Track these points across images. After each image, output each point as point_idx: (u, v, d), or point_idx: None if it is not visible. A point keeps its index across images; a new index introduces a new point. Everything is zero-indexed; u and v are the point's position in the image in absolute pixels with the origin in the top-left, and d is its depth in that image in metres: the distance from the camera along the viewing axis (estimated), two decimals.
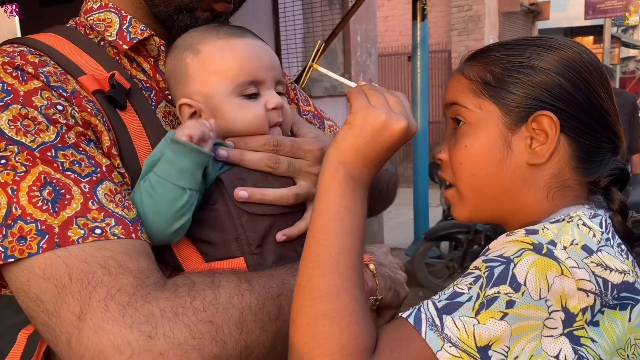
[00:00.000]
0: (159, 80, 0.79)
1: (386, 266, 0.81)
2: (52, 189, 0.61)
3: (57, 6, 3.96)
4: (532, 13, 11.40)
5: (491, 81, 0.71)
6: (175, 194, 0.67)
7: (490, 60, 0.73)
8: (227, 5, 0.78)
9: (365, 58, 5.38)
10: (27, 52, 0.70)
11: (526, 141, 0.70)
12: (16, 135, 0.62)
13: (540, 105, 0.69)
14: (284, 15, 4.32)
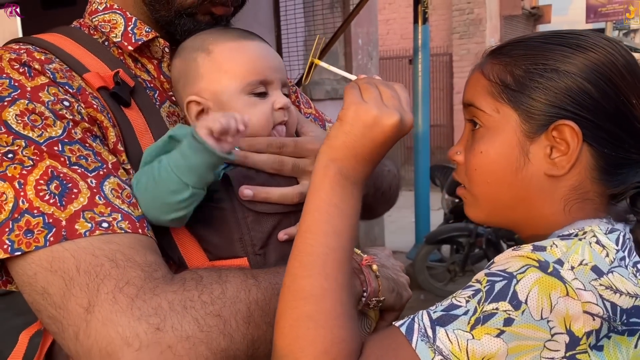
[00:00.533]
0: (163, 82, 0.80)
1: (389, 268, 0.81)
2: (59, 182, 0.61)
3: (59, 9, 3.97)
4: (533, 16, 11.41)
5: (511, 84, 0.67)
6: (177, 187, 0.66)
7: (512, 60, 0.68)
8: (226, 8, 0.79)
9: (366, 61, 5.38)
10: (33, 49, 0.70)
11: (545, 150, 0.66)
12: (23, 129, 0.62)
13: (563, 113, 0.64)
14: (286, 18, 4.33)
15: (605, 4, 11.23)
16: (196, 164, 0.65)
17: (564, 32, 0.70)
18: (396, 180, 0.98)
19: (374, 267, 0.76)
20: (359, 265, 0.75)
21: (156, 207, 0.66)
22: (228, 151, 0.67)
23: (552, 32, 0.71)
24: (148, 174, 0.67)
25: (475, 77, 0.71)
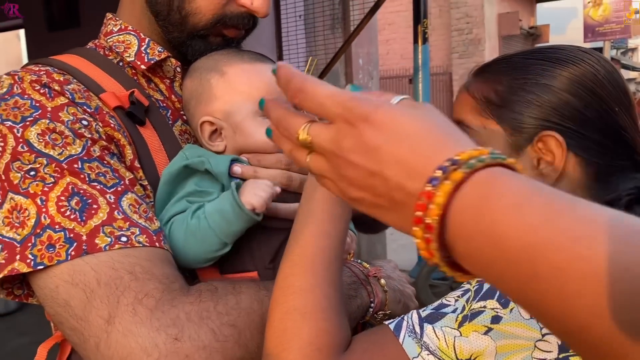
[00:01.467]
0: (175, 101, 0.82)
1: (395, 280, 0.82)
2: (79, 198, 0.63)
3: (64, 31, 4.03)
4: (531, 36, 11.53)
5: (495, 100, 0.69)
6: (218, 247, 0.70)
7: (495, 77, 0.70)
8: (237, 31, 0.81)
9: (367, 80, 5.43)
10: (52, 70, 0.73)
11: (533, 162, 0.67)
12: (45, 148, 0.64)
13: (547, 125, 0.66)
14: (287, 39, 4.39)
15: (603, 23, 11.36)
16: (239, 229, 0.70)
17: (545, 48, 0.72)
18: None
19: (382, 282, 0.78)
20: (366, 277, 0.77)
21: (195, 260, 0.71)
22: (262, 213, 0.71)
23: (534, 48, 0.74)
24: (186, 230, 0.70)
25: (462, 96, 0.73)
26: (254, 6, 0.78)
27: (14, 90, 0.68)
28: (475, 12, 9.27)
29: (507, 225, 0.37)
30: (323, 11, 4.52)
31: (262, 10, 0.78)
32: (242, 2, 0.78)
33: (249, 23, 0.81)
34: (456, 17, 9.45)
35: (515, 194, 0.38)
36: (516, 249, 0.36)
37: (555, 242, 0.35)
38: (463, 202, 0.39)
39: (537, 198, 0.37)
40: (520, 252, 0.36)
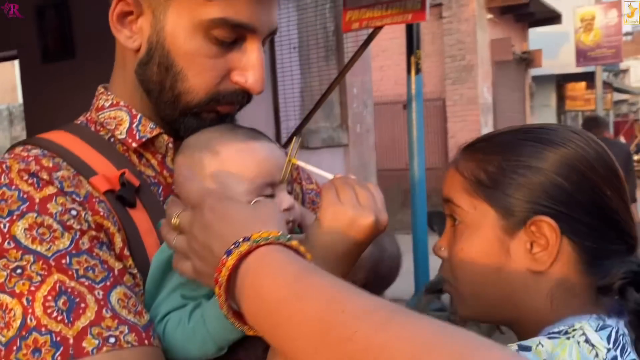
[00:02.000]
0: (167, 176, 0.81)
1: None
2: (67, 298, 0.61)
3: (58, 62, 4.04)
4: (524, 61, 11.66)
5: (485, 181, 0.67)
6: (215, 351, 0.68)
7: (485, 157, 0.69)
8: (231, 107, 0.79)
9: (361, 109, 5.46)
10: (41, 155, 0.71)
11: (525, 246, 0.65)
12: (32, 244, 0.63)
13: (539, 209, 0.64)
14: (282, 69, 4.42)
15: (594, 48, 11.52)
16: (240, 336, 0.67)
17: (534, 127, 0.71)
18: (397, 261, 0.97)
19: None
20: None
21: (186, 352, 0.69)
22: None
23: (522, 127, 0.72)
24: (183, 333, 0.68)
25: (451, 174, 0.72)
26: (248, 84, 0.76)
27: (1, 181, 0.67)
28: (468, 39, 9.38)
29: (266, 286, 0.52)
30: (317, 42, 4.56)
31: (257, 87, 0.77)
32: (236, 80, 0.76)
33: (243, 99, 0.79)
34: (449, 43, 9.55)
35: (279, 266, 0.53)
36: (269, 302, 0.51)
37: (288, 299, 0.49)
38: (245, 267, 0.55)
39: (290, 268, 0.52)
40: (270, 304, 0.51)
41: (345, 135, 5.19)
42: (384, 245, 0.92)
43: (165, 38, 0.74)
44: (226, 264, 0.55)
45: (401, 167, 9.27)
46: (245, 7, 0.72)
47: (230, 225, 0.58)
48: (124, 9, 0.75)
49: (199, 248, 0.59)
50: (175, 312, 0.69)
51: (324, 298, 0.47)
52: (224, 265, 0.55)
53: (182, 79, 0.75)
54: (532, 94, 12.34)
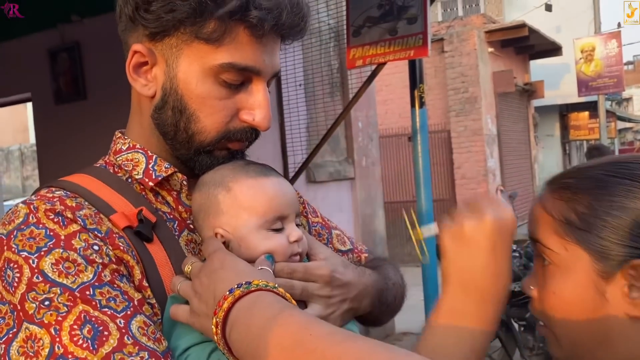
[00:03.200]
0: (182, 212, 0.85)
1: None
2: (91, 326, 0.65)
3: (70, 104, 4.13)
4: (527, 92, 11.77)
5: (577, 223, 0.64)
6: None
7: (574, 195, 0.65)
8: (241, 143, 0.85)
9: (367, 142, 5.52)
10: (65, 196, 0.76)
11: (623, 289, 0.61)
12: (59, 277, 0.67)
13: (636, 252, 0.61)
14: (288, 106, 4.49)
15: (596, 78, 11.62)
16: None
17: (627, 161, 0.66)
18: (401, 290, 1.00)
19: None
20: None
21: None
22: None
23: (613, 159, 0.68)
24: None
25: (538, 212, 0.69)
26: (255, 122, 0.82)
27: (29, 220, 0.71)
28: (470, 72, 9.52)
29: (255, 317, 0.61)
30: (322, 79, 4.65)
31: (264, 124, 0.82)
32: (245, 119, 0.82)
33: (251, 136, 0.84)
34: (452, 76, 9.69)
35: (268, 304, 0.63)
36: (255, 329, 0.60)
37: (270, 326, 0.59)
38: (239, 307, 0.64)
39: (277, 305, 0.63)
40: (255, 331, 0.60)
41: (351, 168, 5.24)
42: (388, 274, 0.96)
43: (178, 84, 0.79)
44: (227, 299, 0.64)
45: (409, 199, 9.29)
46: (250, 52, 0.78)
47: (234, 274, 0.69)
48: (139, 60, 0.81)
49: (202, 290, 0.69)
50: (195, 348, 0.72)
51: (298, 325, 0.59)
52: (225, 300, 0.65)
53: (194, 120, 0.80)
54: (536, 124, 12.42)
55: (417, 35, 3.77)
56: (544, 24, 11.32)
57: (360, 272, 0.87)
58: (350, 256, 1.03)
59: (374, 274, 0.91)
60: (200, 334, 0.72)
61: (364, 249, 1.07)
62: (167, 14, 0.76)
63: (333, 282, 0.80)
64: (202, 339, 0.72)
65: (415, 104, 4.62)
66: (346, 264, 0.86)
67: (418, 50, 3.84)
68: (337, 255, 0.88)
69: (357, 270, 0.87)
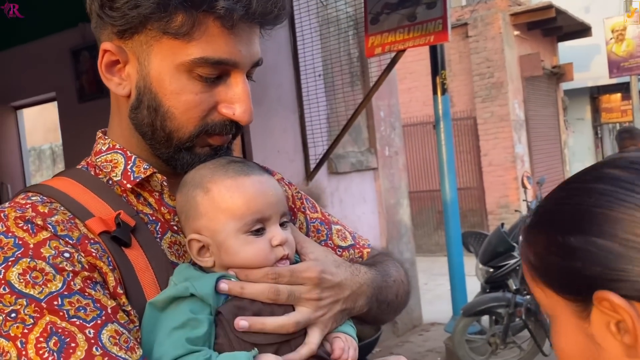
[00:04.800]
0: (164, 213, 0.83)
1: None
2: (57, 338, 0.63)
3: (93, 101, 4.19)
4: (555, 75, 11.48)
5: (538, 266, 0.59)
6: None
7: (533, 236, 0.61)
8: (222, 138, 0.82)
9: (389, 132, 5.46)
10: (39, 202, 0.74)
11: (610, 329, 0.53)
12: (25, 288, 0.65)
13: (601, 283, 0.53)
14: (308, 98, 4.46)
15: (627, 58, 11.26)
16: None
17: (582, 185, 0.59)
18: (404, 287, 0.96)
19: None
20: None
21: None
22: None
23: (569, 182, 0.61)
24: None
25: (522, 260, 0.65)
26: (236, 116, 0.79)
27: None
28: (496, 56, 9.30)
29: None
30: (341, 69, 4.60)
31: (245, 118, 0.79)
32: (224, 113, 0.79)
33: (232, 130, 0.81)
34: (477, 62, 9.49)
35: None
36: None
37: None
38: None
39: None
40: None
41: (374, 158, 5.19)
42: (388, 271, 0.92)
43: (152, 82, 0.77)
44: None
45: (435, 188, 9.17)
46: (223, 44, 0.75)
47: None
48: (110, 58, 0.79)
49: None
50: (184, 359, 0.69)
51: None
52: None
53: (170, 117, 0.78)
54: (565, 108, 12.11)
55: (436, 20, 3.69)
56: (572, 4, 10.98)
57: (355, 271, 0.84)
58: (351, 252, 0.99)
59: (372, 272, 0.87)
60: (187, 344, 0.69)
61: (367, 244, 1.03)
62: (131, 10, 0.73)
63: (322, 284, 0.77)
64: (189, 350, 0.69)
65: (437, 91, 4.56)
66: (339, 263, 0.83)
67: (438, 36, 3.76)
68: (329, 254, 0.84)
69: (350, 268, 0.83)
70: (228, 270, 0.77)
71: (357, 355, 0.80)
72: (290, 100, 4.40)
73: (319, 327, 0.77)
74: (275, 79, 4.21)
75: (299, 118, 4.45)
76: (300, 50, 4.42)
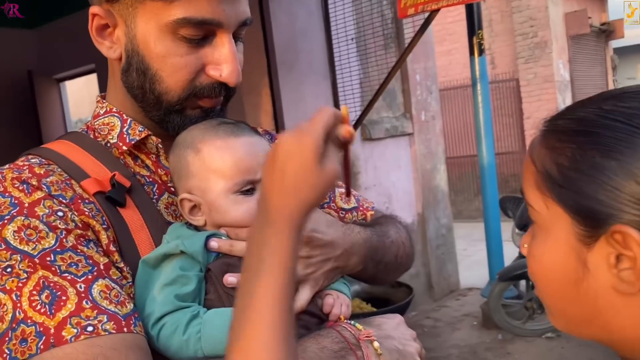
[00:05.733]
0: (161, 175, 0.85)
1: (394, 339, 0.79)
2: (49, 292, 0.66)
3: None
4: (604, 33, 10.92)
5: (557, 177, 0.54)
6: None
7: (558, 142, 0.54)
8: (213, 100, 0.82)
9: (425, 96, 5.35)
10: (37, 163, 0.77)
11: (609, 260, 0.51)
12: (20, 244, 0.68)
13: (625, 217, 0.49)
14: (340, 62, 4.40)
15: None
16: None
17: (630, 95, 0.53)
18: (405, 248, 0.95)
19: (374, 344, 0.75)
20: (357, 341, 0.75)
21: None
22: None
23: (614, 92, 0.55)
24: (179, 344, 0.70)
25: (526, 162, 0.59)
26: (223, 77, 0.79)
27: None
28: (539, 14, 8.90)
29: None
30: (374, 32, 4.50)
31: (232, 79, 0.79)
32: (212, 74, 0.79)
33: (221, 92, 0.82)
34: (519, 21, 9.11)
35: None
36: None
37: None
38: None
39: None
40: None
41: (409, 123, 5.11)
42: (387, 232, 0.92)
43: (138, 45, 0.78)
44: None
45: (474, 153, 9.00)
46: (206, 4, 0.75)
47: None
48: (100, 22, 0.80)
49: None
50: (170, 317, 0.71)
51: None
52: None
53: (158, 80, 0.79)
54: (614, 68, 11.55)
55: None
56: None
57: (347, 230, 0.84)
58: (354, 214, 1.00)
59: (367, 232, 0.87)
60: (176, 301, 0.71)
61: (371, 207, 1.03)
62: None
63: (312, 242, 0.78)
64: (178, 306, 0.71)
65: (474, 52, 4.41)
66: (330, 222, 0.83)
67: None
68: (322, 214, 0.84)
69: (343, 228, 0.84)
70: (220, 229, 0.78)
71: (350, 312, 0.81)
72: (322, 66, 4.36)
73: (309, 284, 0.78)
74: (306, 45, 4.17)
75: (331, 84, 4.40)
76: (332, 14, 4.34)
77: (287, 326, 0.56)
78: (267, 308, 0.56)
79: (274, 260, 0.57)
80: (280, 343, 0.55)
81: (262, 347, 0.55)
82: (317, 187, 0.58)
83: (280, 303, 0.56)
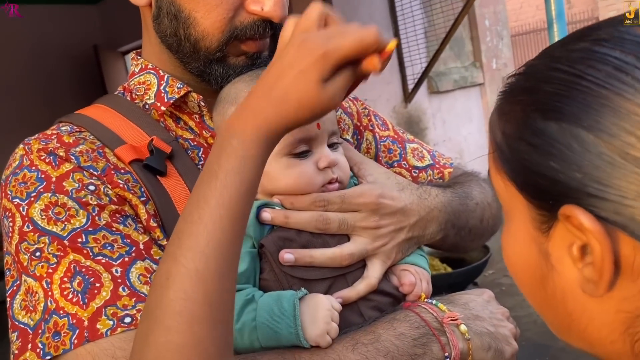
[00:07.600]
0: (207, 137, 0.75)
1: (485, 319, 0.67)
2: (82, 278, 0.59)
3: None
4: None
5: (504, 149, 0.44)
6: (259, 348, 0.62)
7: (507, 105, 0.44)
8: (258, 43, 0.71)
9: (496, 42, 5.02)
10: (67, 131, 0.70)
11: (571, 252, 0.40)
12: (48, 224, 0.62)
13: (574, 194, 0.39)
14: (402, 12, 4.18)
15: None
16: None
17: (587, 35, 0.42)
18: (491, 209, 0.82)
19: (461, 328, 0.63)
20: (441, 324, 0.63)
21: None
22: None
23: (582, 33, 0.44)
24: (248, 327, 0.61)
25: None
26: (265, 11, 0.68)
27: (23, 163, 0.67)
28: None
29: None
30: None
31: (277, 13, 0.68)
32: (252, 10, 0.69)
33: (266, 31, 0.70)
34: None
35: None
36: None
37: None
38: None
39: None
40: None
41: (479, 73, 4.83)
42: (470, 193, 0.79)
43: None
44: None
45: None
46: None
47: None
48: None
49: None
50: None
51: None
52: None
53: (192, 23, 0.69)
54: None
55: None
56: None
57: (423, 194, 0.72)
58: (429, 173, 0.87)
59: (447, 194, 0.75)
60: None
61: (449, 163, 0.90)
62: None
63: (381, 210, 0.67)
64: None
65: None
66: (403, 185, 0.71)
67: None
68: (392, 176, 0.73)
69: (418, 191, 0.72)
70: (273, 197, 0.68)
71: (431, 289, 0.69)
72: (384, 17, 4.16)
73: (379, 258, 0.67)
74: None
75: (393, 35, 4.20)
76: None
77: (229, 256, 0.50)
78: (211, 223, 0.49)
79: (228, 166, 0.51)
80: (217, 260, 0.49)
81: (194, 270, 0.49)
82: (307, 106, 0.51)
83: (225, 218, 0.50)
